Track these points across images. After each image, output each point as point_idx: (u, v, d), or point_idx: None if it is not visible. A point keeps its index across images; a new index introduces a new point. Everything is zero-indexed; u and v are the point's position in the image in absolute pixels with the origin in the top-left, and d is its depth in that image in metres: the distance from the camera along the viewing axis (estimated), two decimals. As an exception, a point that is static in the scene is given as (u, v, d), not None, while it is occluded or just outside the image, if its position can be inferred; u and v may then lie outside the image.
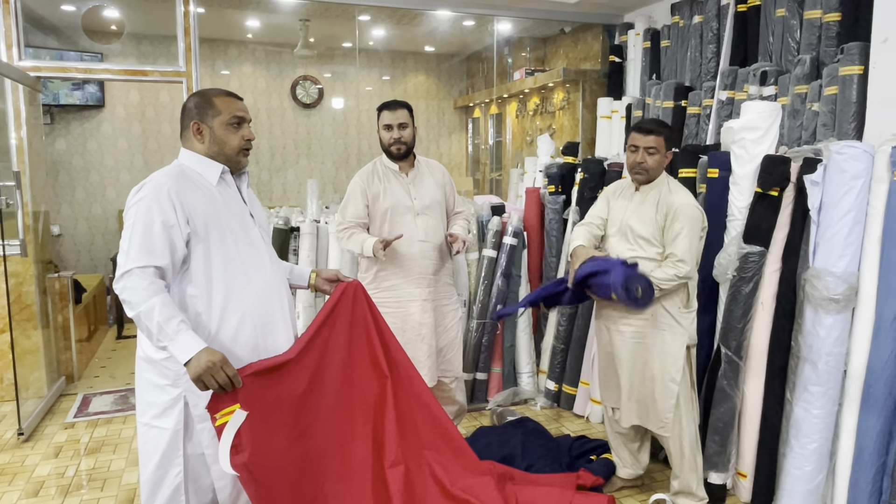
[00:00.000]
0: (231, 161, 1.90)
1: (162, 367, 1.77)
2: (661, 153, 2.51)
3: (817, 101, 2.99)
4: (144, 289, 1.66)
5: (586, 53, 5.55)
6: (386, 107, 2.88)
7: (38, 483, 2.96)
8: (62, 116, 6.22)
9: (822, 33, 3.13)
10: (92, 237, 6.41)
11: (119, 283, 1.69)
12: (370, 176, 2.92)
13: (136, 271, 1.67)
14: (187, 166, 1.85)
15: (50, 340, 4.08)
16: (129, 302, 1.67)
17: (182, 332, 1.66)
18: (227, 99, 1.89)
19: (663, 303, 2.50)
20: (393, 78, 7.49)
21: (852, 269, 2.40)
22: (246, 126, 1.91)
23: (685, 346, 2.52)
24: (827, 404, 2.46)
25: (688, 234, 2.43)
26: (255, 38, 6.73)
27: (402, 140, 2.85)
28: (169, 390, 1.78)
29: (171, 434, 1.79)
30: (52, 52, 5.77)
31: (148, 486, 1.83)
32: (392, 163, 2.92)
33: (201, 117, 1.86)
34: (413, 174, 2.93)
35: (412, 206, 2.87)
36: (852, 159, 2.38)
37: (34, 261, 3.92)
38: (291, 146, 7.14)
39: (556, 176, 4.04)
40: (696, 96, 3.85)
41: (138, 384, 1.84)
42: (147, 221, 1.71)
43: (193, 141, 1.87)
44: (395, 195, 2.87)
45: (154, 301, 1.65)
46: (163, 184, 1.76)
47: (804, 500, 2.51)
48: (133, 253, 1.69)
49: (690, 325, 2.54)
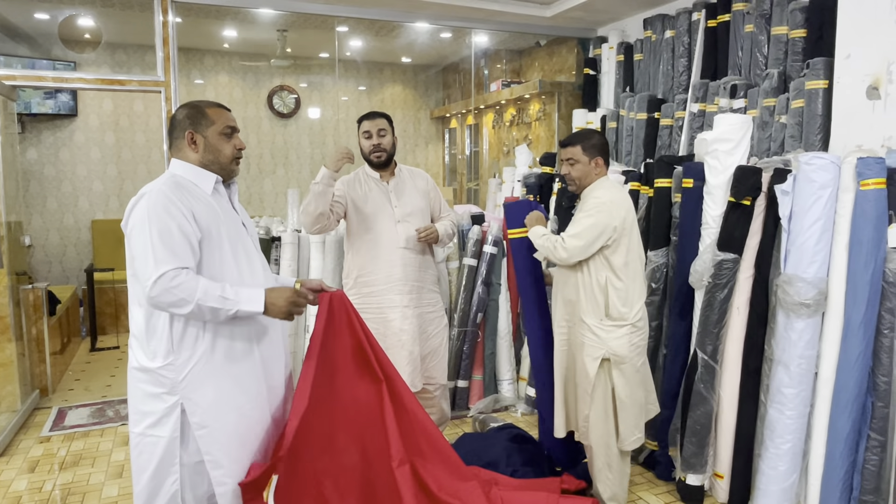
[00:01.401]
0: (225, 169, 1.92)
1: (158, 375, 1.77)
2: (582, 162, 2.58)
3: (785, 114, 3.11)
4: (185, 280, 1.69)
5: (561, 66, 5.66)
6: (366, 117, 2.95)
7: (14, 499, 2.90)
8: (34, 126, 6.11)
9: (789, 48, 3.26)
10: (64, 248, 6.29)
11: (156, 289, 1.67)
12: (352, 182, 2.96)
13: (170, 272, 1.68)
14: (181, 176, 1.85)
15: (23, 353, 4.00)
16: (180, 298, 1.68)
17: (240, 292, 1.75)
18: (219, 110, 1.92)
19: (581, 314, 2.54)
20: (370, 88, 7.53)
21: (822, 275, 2.50)
22: (237, 136, 1.95)
23: (600, 360, 2.50)
24: (799, 406, 2.55)
25: (580, 221, 2.48)
26: (232, 47, 6.71)
27: (381, 147, 2.90)
28: (165, 398, 1.77)
29: (167, 442, 1.78)
30: (23, 61, 5.68)
31: (143, 497, 1.81)
32: (373, 171, 2.96)
33: (195, 127, 1.87)
34: (394, 182, 2.97)
35: (392, 214, 2.90)
36: (820, 170, 2.48)
37: (7, 272, 3.85)
38: (268, 156, 7.12)
39: (534, 186, 4.12)
40: (668, 108, 3.96)
41: (132, 394, 1.83)
42: (162, 228, 1.71)
43: (187, 150, 1.88)
44: (375, 202, 2.91)
45: (201, 284, 1.71)
46: (165, 192, 1.76)
47: (779, 498, 2.59)
48: (160, 258, 1.69)
49: (615, 339, 2.49)
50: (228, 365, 1.82)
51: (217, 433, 1.79)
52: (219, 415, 1.80)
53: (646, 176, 3.34)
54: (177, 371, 1.76)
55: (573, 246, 2.46)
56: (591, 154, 2.58)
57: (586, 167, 2.59)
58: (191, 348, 1.77)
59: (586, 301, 2.53)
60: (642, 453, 3.21)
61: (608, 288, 2.50)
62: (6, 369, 3.82)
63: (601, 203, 2.49)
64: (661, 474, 3.07)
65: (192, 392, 1.77)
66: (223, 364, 1.81)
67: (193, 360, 1.77)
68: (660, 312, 3.19)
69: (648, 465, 3.18)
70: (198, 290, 1.70)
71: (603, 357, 2.50)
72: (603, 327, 2.51)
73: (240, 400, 1.84)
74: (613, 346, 2.50)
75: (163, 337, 1.76)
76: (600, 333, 2.50)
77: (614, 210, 2.48)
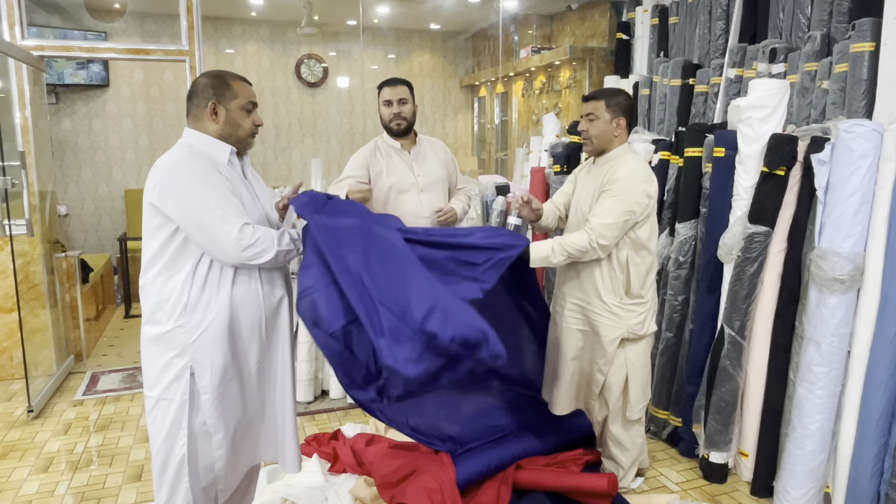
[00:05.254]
0: (242, 143, 1.93)
1: (169, 338, 1.81)
2: (603, 119, 2.42)
3: (827, 79, 2.94)
4: (257, 231, 1.78)
5: (593, 31, 5.47)
6: (386, 83, 2.87)
7: (47, 459, 3.01)
8: (67, 96, 6.21)
9: (834, 9, 3.07)
10: (99, 217, 6.43)
11: (241, 245, 1.75)
12: (372, 153, 2.90)
13: (246, 227, 1.77)
14: (196, 147, 1.86)
15: (58, 319, 4.12)
16: (263, 249, 1.79)
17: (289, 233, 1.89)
18: (242, 83, 1.92)
19: (600, 292, 2.44)
20: (398, 56, 7.42)
21: (858, 250, 2.38)
22: (256, 112, 1.95)
23: (619, 340, 2.45)
24: (830, 385, 2.45)
25: (611, 207, 2.32)
26: (259, 16, 6.67)
27: (401, 115, 2.84)
28: (175, 361, 1.81)
29: (177, 405, 1.82)
30: (56, 32, 5.74)
31: (159, 460, 1.86)
32: (393, 140, 2.91)
33: (218, 98, 1.86)
34: (416, 151, 2.92)
35: (416, 183, 2.86)
36: (861, 138, 2.34)
37: (41, 240, 3.94)
38: (296, 125, 7.12)
39: (561, 155, 4.01)
40: (704, 74, 3.79)
41: (145, 359, 1.87)
42: (214, 191, 1.76)
43: (206, 121, 1.87)
44: (398, 172, 2.86)
45: (270, 232, 1.82)
46: (192, 159, 1.80)
47: (805, 479, 2.52)
48: (230, 217, 1.75)
49: (634, 317, 2.43)
50: (237, 335, 1.85)
51: (218, 399, 1.83)
52: (223, 381, 1.83)
53: (676, 145, 3.21)
54: (188, 333, 1.79)
55: (610, 236, 2.33)
56: (613, 112, 2.43)
57: (607, 125, 2.44)
58: (203, 312, 1.80)
59: (606, 279, 2.44)
60: (665, 429, 3.15)
61: (629, 266, 2.42)
62: (42, 335, 3.94)
63: (632, 185, 2.34)
64: (683, 451, 3.02)
65: (202, 356, 1.81)
66: (231, 333, 1.84)
67: (204, 324, 1.80)
68: (687, 287, 3.09)
69: (671, 441, 3.13)
70: (273, 237, 1.81)
71: (623, 337, 2.45)
72: (623, 306, 2.44)
73: (244, 371, 1.88)
74: (633, 324, 2.44)
75: (179, 300, 1.79)
76: (620, 312, 2.43)
77: (647, 187, 2.37)
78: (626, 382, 2.51)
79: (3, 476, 2.85)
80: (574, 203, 2.61)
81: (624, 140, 2.49)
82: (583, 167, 2.66)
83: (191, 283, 1.79)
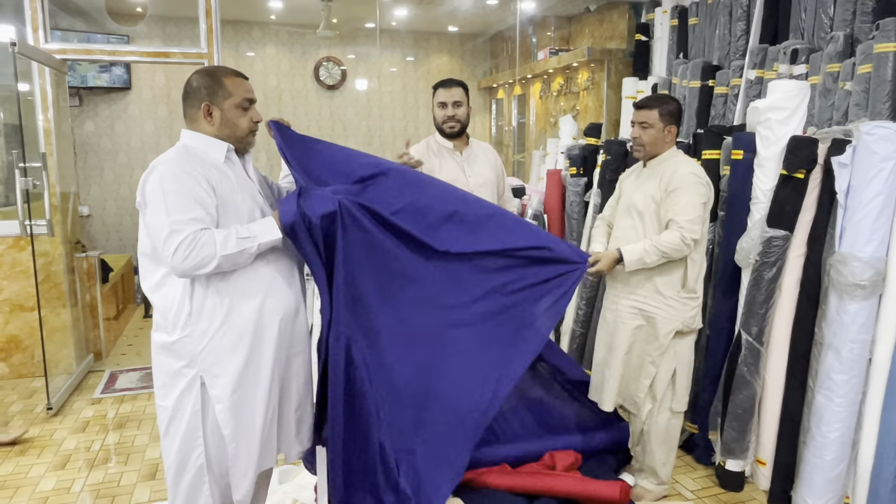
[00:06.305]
0: (241, 142, 1.88)
1: (176, 348, 1.77)
2: (657, 127, 2.48)
3: (850, 80, 2.88)
4: (201, 238, 1.66)
5: (612, 32, 5.42)
6: (441, 84, 2.87)
7: (65, 456, 3.05)
8: (90, 98, 6.31)
9: (857, 9, 3.01)
10: (120, 217, 6.53)
11: (177, 257, 1.65)
12: (424, 152, 2.91)
13: (189, 237, 1.66)
14: (192, 147, 1.82)
15: (78, 318, 4.18)
16: (203, 258, 1.66)
17: (253, 227, 1.76)
18: (237, 79, 1.84)
19: (658, 285, 2.45)
20: (416, 59, 7.43)
21: (880, 255, 2.32)
22: (253, 108, 1.88)
23: (674, 332, 2.47)
24: (850, 393, 2.39)
25: (690, 202, 2.38)
26: (278, 19, 6.72)
27: (456, 118, 2.85)
28: (185, 372, 1.77)
29: (189, 415, 1.78)
30: (79, 35, 5.84)
31: (172, 471, 1.82)
32: (446, 140, 2.91)
33: (212, 98, 1.80)
34: (467, 153, 2.93)
35: (466, 184, 2.86)
36: (883, 140, 2.29)
37: (62, 241, 4.01)
38: (315, 128, 7.15)
39: (577, 158, 3.98)
40: (723, 76, 3.74)
41: (155, 368, 1.84)
42: (175, 197, 1.68)
43: (202, 122, 1.83)
44: (450, 171, 2.86)
45: (216, 235, 1.69)
46: (177, 162, 1.74)
47: (824, 489, 2.46)
48: (176, 227, 1.66)
49: (688, 310, 2.48)
50: (246, 340, 1.80)
51: (234, 407, 1.79)
52: (236, 389, 1.79)
53: (694, 147, 3.17)
54: (195, 343, 1.75)
55: (697, 230, 2.38)
56: (666, 121, 2.49)
57: (659, 133, 2.50)
58: (208, 320, 1.76)
59: (665, 273, 2.45)
60: (682, 435, 3.10)
61: (687, 260, 2.46)
62: (62, 333, 4.00)
63: (698, 181, 2.42)
64: (699, 458, 2.97)
65: (212, 365, 1.77)
66: (241, 338, 1.79)
67: (211, 331, 1.76)
68: (704, 291, 3.04)
69: (687, 447, 3.08)
70: (216, 242, 1.68)
71: (677, 330, 2.47)
72: (679, 299, 2.47)
73: (261, 375, 1.82)
74: (687, 318, 2.48)
75: (181, 310, 1.75)
76: (676, 305, 2.46)
77: (708, 183, 2.45)
78: (674, 375, 2.53)
79: (21, 472, 2.90)
80: (624, 205, 2.62)
81: (672, 144, 2.54)
82: (630, 174, 2.70)
83: (191, 290, 1.75)
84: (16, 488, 2.76)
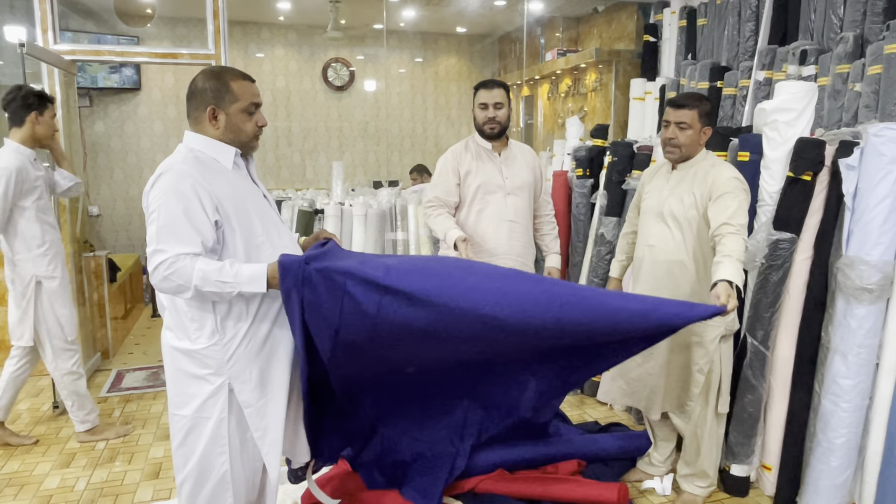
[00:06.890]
0: (245, 146, 1.83)
1: (202, 356, 1.73)
2: (695, 129, 2.40)
3: (860, 81, 2.85)
4: (181, 267, 1.61)
5: (620, 33, 5.40)
6: (482, 86, 2.87)
7: (69, 455, 3.07)
8: (101, 99, 6.37)
9: (868, 9, 2.97)
10: (130, 217, 6.57)
11: (155, 277, 1.63)
12: (462, 153, 2.91)
13: (169, 259, 1.62)
14: (199, 151, 1.76)
15: (86, 317, 4.21)
16: (178, 285, 1.62)
17: (241, 273, 1.64)
18: (244, 83, 1.78)
19: (700, 294, 2.39)
20: (425, 60, 7.44)
21: (888, 258, 2.29)
22: (259, 112, 1.83)
23: (720, 337, 2.44)
24: (857, 398, 2.36)
25: (740, 206, 2.28)
26: (287, 20, 6.75)
27: (496, 119, 2.84)
28: (212, 379, 1.73)
29: (214, 423, 1.74)
30: (90, 36, 5.89)
31: (191, 480, 1.78)
32: (485, 141, 2.90)
33: (218, 102, 1.74)
34: (506, 154, 2.92)
35: (503, 185, 2.85)
36: (891, 142, 2.25)
37: (70, 240, 4.03)
38: (323, 129, 7.18)
39: (584, 159, 3.96)
40: (732, 77, 3.71)
41: (172, 376, 1.78)
42: (170, 213, 1.63)
43: (207, 125, 1.76)
44: (486, 173, 2.86)
45: (197, 268, 1.62)
46: (183, 173, 1.67)
47: (830, 495, 2.43)
48: (162, 245, 1.63)
49: (730, 314, 2.39)
50: (272, 342, 1.79)
51: (265, 409, 1.78)
52: (265, 391, 1.78)
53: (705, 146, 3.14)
54: (223, 351, 1.72)
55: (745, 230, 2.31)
56: (704, 122, 2.42)
57: (696, 135, 2.42)
58: (234, 327, 1.73)
59: (705, 279, 2.39)
60: (686, 440, 3.08)
61: None
62: (69, 332, 4.01)
63: (742, 185, 2.33)
64: (705, 463, 2.94)
65: (241, 371, 1.74)
66: (267, 341, 1.78)
67: (238, 338, 1.74)
68: (710, 294, 3.02)
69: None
70: (194, 275, 1.61)
71: (721, 334, 2.44)
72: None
73: (284, 375, 1.82)
74: (729, 321, 2.44)
75: (208, 317, 1.71)
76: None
77: (746, 186, 2.37)
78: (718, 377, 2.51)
79: (26, 470, 2.92)
80: (653, 211, 2.52)
81: (703, 146, 2.48)
82: (652, 176, 2.62)
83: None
84: (21, 486, 2.78)
